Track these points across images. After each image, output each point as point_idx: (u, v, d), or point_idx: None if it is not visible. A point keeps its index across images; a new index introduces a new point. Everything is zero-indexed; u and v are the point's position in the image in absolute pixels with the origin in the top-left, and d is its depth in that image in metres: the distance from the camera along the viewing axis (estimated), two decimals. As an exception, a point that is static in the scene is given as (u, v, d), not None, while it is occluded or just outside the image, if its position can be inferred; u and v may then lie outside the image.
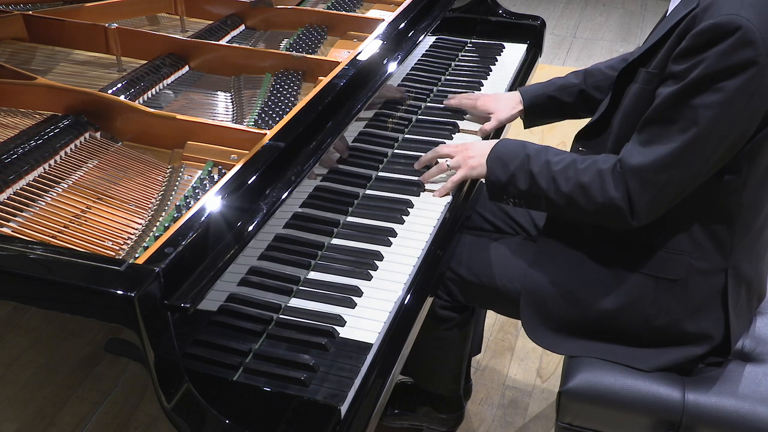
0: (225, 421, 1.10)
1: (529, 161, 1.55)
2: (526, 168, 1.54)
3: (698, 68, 1.31)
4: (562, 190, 1.49)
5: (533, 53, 2.48)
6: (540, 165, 1.53)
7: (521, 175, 1.55)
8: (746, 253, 1.50)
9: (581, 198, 1.47)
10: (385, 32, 1.86)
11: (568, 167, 1.50)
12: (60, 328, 1.11)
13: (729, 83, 1.29)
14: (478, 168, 1.65)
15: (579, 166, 1.49)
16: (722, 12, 1.29)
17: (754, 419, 1.47)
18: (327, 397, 1.22)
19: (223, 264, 1.18)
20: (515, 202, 1.60)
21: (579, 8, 5.68)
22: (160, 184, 1.46)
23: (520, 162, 1.56)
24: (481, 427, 2.25)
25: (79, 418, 1.17)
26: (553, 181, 1.51)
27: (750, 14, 1.27)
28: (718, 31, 1.29)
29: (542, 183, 1.52)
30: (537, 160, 1.54)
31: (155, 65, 1.79)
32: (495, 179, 1.60)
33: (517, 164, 1.56)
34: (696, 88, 1.32)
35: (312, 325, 1.35)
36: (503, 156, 1.59)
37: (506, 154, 1.59)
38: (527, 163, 1.55)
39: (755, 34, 1.26)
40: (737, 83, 1.29)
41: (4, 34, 1.89)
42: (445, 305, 1.75)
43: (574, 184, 1.48)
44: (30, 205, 1.32)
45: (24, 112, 1.60)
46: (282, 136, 1.42)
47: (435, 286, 1.62)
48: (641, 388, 1.52)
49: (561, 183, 1.49)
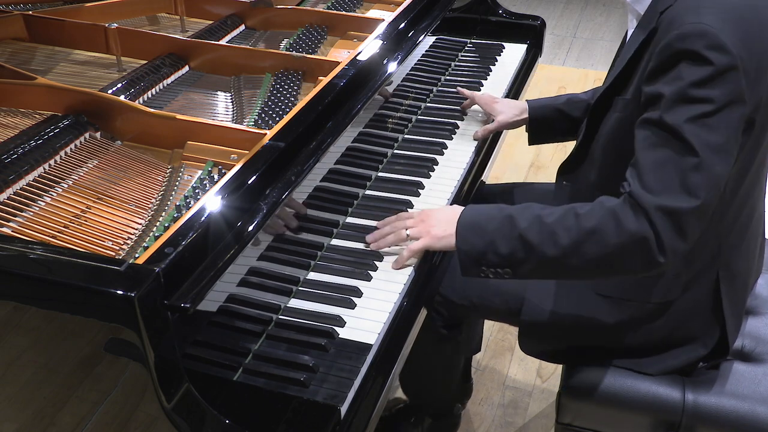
0: (225, 421, 1.10)
1: (512, 220, 1.35)
2: (509, 229, 1.34)
3: (675, 83, 1.25)
4: (563, 243, 1.30)
5: (533, 53, 2.49)
6: (528, 221, 1.34)
7: (503, 237, 1.35)
8: (735, 250, 1.50)
9: (590, 245, 1.28)
10: (385, 32, 1.87)
11: (565, 216, 1.32)
12: (60, 328, 1.11)
13: (709, 91, 1.24)
14: (445, 238, 1.44)
15: (579, 211, 1.31)
16: (684, 23, 1.26)
17: (754, 419, 1.47)
18: (327, 397, 1.22)
19: (223, 264, 1.18)
20: (495, 272, 1.38)
21: (579, 8, 5.68)
22: (160, 184, 1.46)
23: (498, 223, 1.36)
24: (481, 427, 2.25)
25: (79, 418, 1.17)
26: (551, 235, 1.31)
27: (712, 21, 1.25)
28: (685, 41, 1.25)
29: (534, 239, 1.32)
30: (522, 217, 1.35)
31: (155, 65, 1.79)
32: (469, 248, 1.38)
33: (496, 226, 1.36)
34: (677, 102, 1.25)
35: (312, 326, 1.35)
36: (476, 220, 1.39)
37: (480, 218, 1.40)
38: (509, 223, 1.35)
39: (721, 39, 1.23)
40: (718, 89, 1.24)
41: (4, 34, 1.90)
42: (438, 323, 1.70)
43: (579, 232, 1.29)
44: (30, 205, 1.32)
45: (24, 112, 1.60)
46: (282, 136, 1.42)
47: (435, 287, 1.62)
48: (641, 388, 1.52)
49: (561, 235, 1.30)
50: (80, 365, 1.12)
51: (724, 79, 1.23)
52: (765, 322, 1.64)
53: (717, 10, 1.27)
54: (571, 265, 1.32)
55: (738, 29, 1.25)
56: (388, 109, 1.90)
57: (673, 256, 1.27)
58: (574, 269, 1.33)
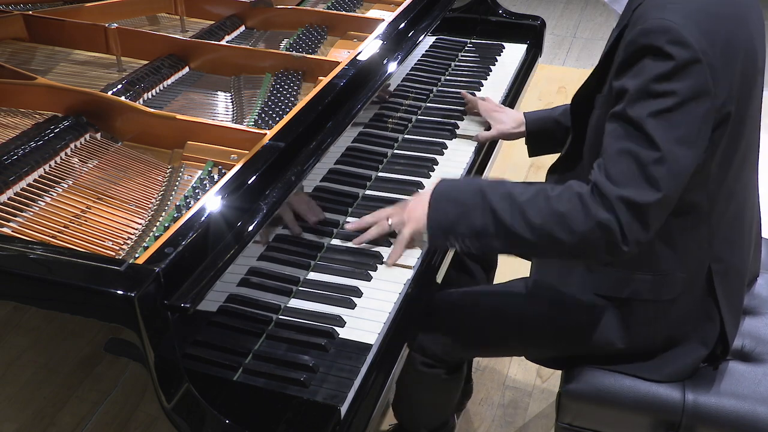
0: (225, 421, 1.10)
1: (484, 195, 1.36)
2: (482, 201, 1.36)
3: (639, 77, 1.28)
4: (534, 222, 1.32)
5: (533, 53, 2.49)
6: (500, 197, 1.35)
7: (475, 211, 1.36)
8: (727, 244, 1.50)
9: (558, 228, 1.31)
10: (385, 32, 1.86)
11: (537, 196, 1.34)
12: (60, 328, 1.11)
13: (672, 84, 1.26)
14: (424, 218, 1.43)
15: (550, 193, 1.34)
16: (648, 18, 1.28)
17: (754, 419, 1.47)
18: (327, 397, 1.22)
19: (223, 264, 1.18)
20: (462, 244, 1.39)
21: (579, 8, 5.68)
22: (160, 184, 1.46)
23: (471, 195, 1.38)
24: (481, 427, 2.25)
25: (79, 418, 1.18)
26: (520, 213, 1.33)
27: (675, 17, 1.27)
28: (648, 36, 1.27)
29: (506, 217, 1.33)
30: (495, 193, 1.36)
31: (155, 65, 1.79)
32: (441, 218, 1.39)
33: (469, 196, 1.38)
34: (642, 96, 1.28)
35: (312, 326, 1.35)
36: (451, 192, 1.41)
37: (454, 190, 1.41)
38: (482, 197, 1.36)
39: (682, 34, 1.26)
40: (681, 83, 1.26)
41: (4, 34, 1.90)
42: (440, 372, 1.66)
43: (549, 213, 1.31)
44: (30, 205, 1.33)
45: (24, 112, 1.60)
46: (282, 136, 1.42)
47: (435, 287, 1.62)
48: (641, 389, 1.52)
49: (531, 215, 1.32)
50: (80, 365, 1.12)
51: (687, 73, 1.26)
52: (765, 322, 1.64)
53: (681, 6, 1.29)
54: (538, 245, 1.34)
55: (702, 24, 1.28)
56: (388, 109, 1.90)
57: (635, 245, 1.30)
58: (540, 249, 1.37)
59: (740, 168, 1.46)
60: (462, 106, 2.09)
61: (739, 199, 1.50)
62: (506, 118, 1.95)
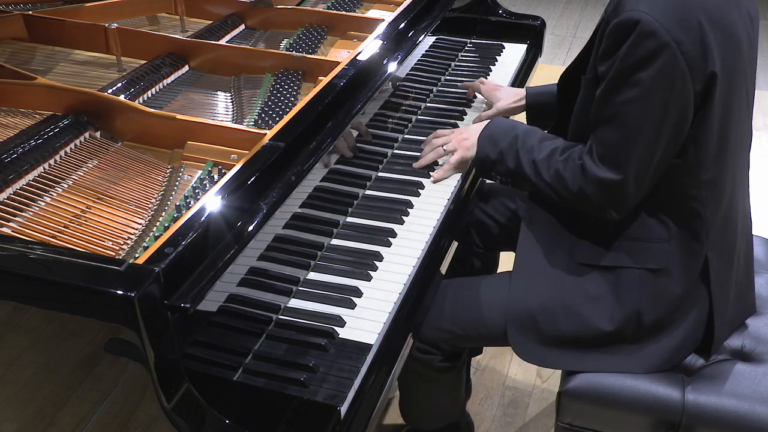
0: (225, 421, 1.10)
1: (517, 142, 1.59)
2: (515, 149, 1.59)
3: (613, 67, 1.38)
4: (543, 177, 1.54)
5: (533, 53, 2.49)
6: (526, 149, 1.58)
7: (510, 154, 1.60)
8: (722, 232, 1.52)
9: (560, 187, 1.52)
10: (385, 32, 1.86)
11: (550, 155, 1.54)
12: (60, 328, 1.11)
13: (643, 74, 1.35)
14: (472, 148, 1.69)
15: (558, 157, 1.53)
16: (625, 9, 1.36)
17: (754, 419, 1.47)
18: (327, 397, 1.22)
19: (223, 264, 1.18)
20: (503, 180, 1.65)
21: (579, 8, 5.68)
22: (160, 184, 1.46)
23: (509, 142, 1.61)
24: (481, 427, 2.25)
25: (79, 418, 1.17)
26: (534, 166, 1.55)
27: (648, 8, 1.33)
28: (621, 29, 1.35)
29: (526, 167, 1.57)
30: (524, 144, 1.58)
31: (155, 65, 1.79)
32: (485, 156, 1.64)
33: (507, 144, 1.61)
34: (616, 85, 1.38)
35: (312, 326, 1.35)
36: (494, 134, 1.64)
37: (497, 133, 1.64)
38: (515, 144, 1.59)
39: (654, 25, 1.32)
40: (651, 73, 1.34)
41: (4, 34, 1.90)
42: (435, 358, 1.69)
43: (554, 173, 1.52)
44: (30, 205, 1.33)
45: (24, 112, 1.60)
46: (282, 136, 1.42)
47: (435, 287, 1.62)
48: (641, 388, 1.52)
49: (542, 170, 1.54)
50: (80, 365, 1.12)
51: (654, 62, 1.34)
52: (765, 322, 1.64)
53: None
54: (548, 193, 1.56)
55: (674, 13, 1.34)
56: (388, 109, 1.90)
57: (618, 213, 1.47)
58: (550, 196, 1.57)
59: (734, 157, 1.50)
60: (462, 106, 2.09)
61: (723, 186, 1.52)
62: (504, 94, 2.02)
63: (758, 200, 2.84)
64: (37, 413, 1.20)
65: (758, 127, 3.94)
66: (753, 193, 1.68)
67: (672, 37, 1.32)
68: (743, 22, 1.44)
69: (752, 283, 1.67)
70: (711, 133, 1.43)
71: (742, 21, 1.43)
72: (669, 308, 1.51)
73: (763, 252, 1.85)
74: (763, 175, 3.46)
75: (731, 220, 1.55)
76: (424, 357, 1.68)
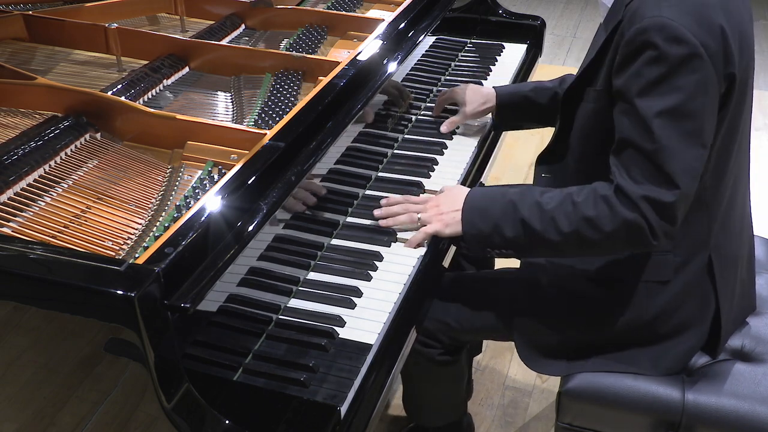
0: (225, 421, 1.10)
1: (514, 206, 1.43)
2: (513, 214, 1.42)
3: (641, 78, 1.30)
4: (564, 229, 1.37)
5: (533, 53, 2.49)
6: (529, 207, 1.41)
7: (507, 222, 1.43)
8: (723, 231, 1.51)
9: (590, 232, 1.36)
10: (385, 32, 1.86)
11: (563, 203, 1.39)
12: (60, 328, 1.11)
13: (678, 81, 1.28)
14: (452, 225, 1.51)
15: (576, 199, 1.38)
16: (645, 16, 1.30)
17: (754, 419, 1.47)
18: (327, 397, 1.22)
19: (223, 264, 1.18)
20: (500, 252, 1.48)
21: (579, 8, 5.68)
22: (160, 184, 1.46)
23: (501, 208, 1.44)
24: (481, 427, 2.25)
25: (79, 418, 1.18)
26: (551, 221, 1.39)
27: (671, 13, 1.28)
28: (644, 35, 1.29)
29: (536, 226, 1.40)
30: (524, 203, 1.42)
31: (155, 65, 1.79)
32: (477, 232, 1.47)
33: (500, 212, 1.44)
34: (647, 95, 1.30)
35: (312, 326, 1.35)
36: (481, 205, 1.48)
37: (484, 202, 1.48)
38: (512, 209, 1.43)
39: (680, 30, 1.27)
40: (687, 79, 1.28)
41: (4, 34, 1.90)
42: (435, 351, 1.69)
43: (578, 219, 1.36)
44: (30, 205, 1.33)
45: (24, 112, 1.60)
46: (282, 136, 1.42)
47: (435, 287, 1.62)
48: (641, 388, 1.52)
49: (561, 222, 1.38)
50: (80, 365, 1.12)
51: (688, 68, 1.28)
52: (765, 322, 1.64)
53: (677, 1, 1.30)
54: (571, 247, 1.41)
55: (698, 17, 1.29)
56: (388, 109, 1.90)
57: (665, 238, 1.35)
58: (573, 251, 1.44)
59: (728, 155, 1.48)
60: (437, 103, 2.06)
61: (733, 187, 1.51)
62: (472, 97, 1.93)
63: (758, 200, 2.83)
64: (37, 413, 1.20)
65: (758, 126, 3.94)
66: (753, 193, 1.68)
67: (699, 41, 1.27)
68: (751, 20, 1.44)
69: (753, 281, 1.67)
70: (719, 135, 1.41)
71: (750, 20, 1.43)
72: (678, 313, 1.51)
73: (763, 252, 1.85)
74: (763, 175, 3.46)
75: (733, 219, 1.55)
76: (424, 350, 1.68)
